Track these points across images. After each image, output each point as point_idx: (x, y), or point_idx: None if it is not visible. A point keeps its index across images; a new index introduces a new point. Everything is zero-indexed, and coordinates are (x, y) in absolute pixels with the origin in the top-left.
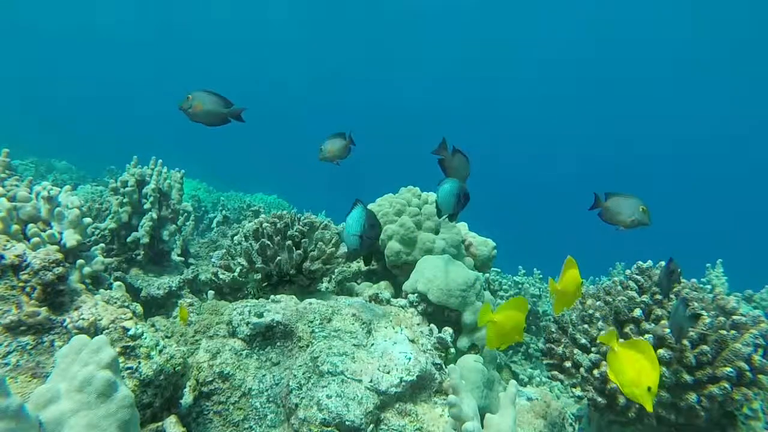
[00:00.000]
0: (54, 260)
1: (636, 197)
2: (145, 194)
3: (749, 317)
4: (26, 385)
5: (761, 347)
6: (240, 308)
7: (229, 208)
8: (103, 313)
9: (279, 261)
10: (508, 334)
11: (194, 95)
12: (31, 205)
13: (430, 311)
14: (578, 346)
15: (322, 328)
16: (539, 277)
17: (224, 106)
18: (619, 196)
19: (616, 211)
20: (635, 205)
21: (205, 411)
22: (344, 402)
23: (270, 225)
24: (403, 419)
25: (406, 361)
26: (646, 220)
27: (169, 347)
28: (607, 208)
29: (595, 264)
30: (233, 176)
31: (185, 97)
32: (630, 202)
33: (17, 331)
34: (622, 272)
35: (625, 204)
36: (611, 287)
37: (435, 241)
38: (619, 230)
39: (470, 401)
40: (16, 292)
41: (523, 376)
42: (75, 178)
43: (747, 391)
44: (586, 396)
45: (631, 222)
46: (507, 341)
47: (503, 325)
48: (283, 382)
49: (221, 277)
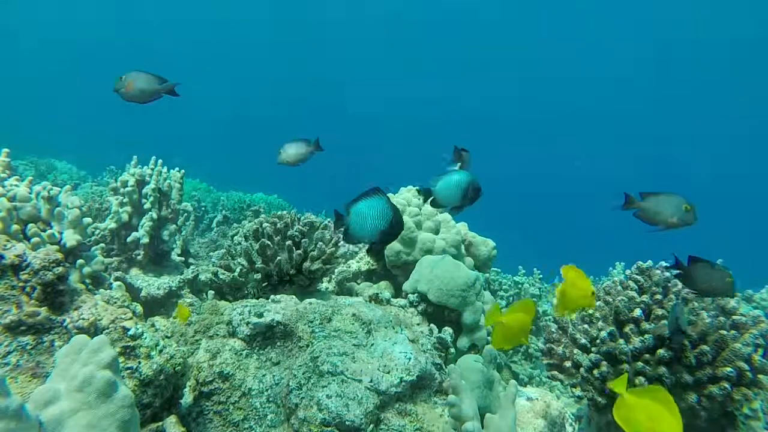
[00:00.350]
0: (54, 260)
1: (678, 195)
2: (145, 194)
3: (749, 317)
4: (26, 385)
5: (761, 347)
6: (240, 308)
7: (229, 208)
8: (103, 313)
9: (279, 261)
10: (514, 336)
11: (126, 75)
12: (31, 205)
13: (430, 311)
14: (578, 346)
15: (322, 328)
16: (539, 277)
17: (158, 83)
18: (659, 194)
19: (655, 211)
20: (678, 204)
21: (205, 411)
22: (344, 402)
23: (270, 225)
24: (403, 419)
25: (406, 361)
26: (690, 219)
27: (169, 347)
28: (645, 207)
29: (595, 264)
30: (233, 176)
31: (117, 78)
32: (672, 201)
33: (17, 331)
34: (622, 272)
35: (667, 203)
36: (611, 287)
37: (435, 241)
38: (660, 231)
39: (470, 401)
40: (16, 292)
41: (523, 376)
42: (75, 178)
43: (747, 391)
44: (586, 396)
45: (674, 222)
46: (512, 342)
47: (510, 327)
48: (283, 382)
49: (221, 277)
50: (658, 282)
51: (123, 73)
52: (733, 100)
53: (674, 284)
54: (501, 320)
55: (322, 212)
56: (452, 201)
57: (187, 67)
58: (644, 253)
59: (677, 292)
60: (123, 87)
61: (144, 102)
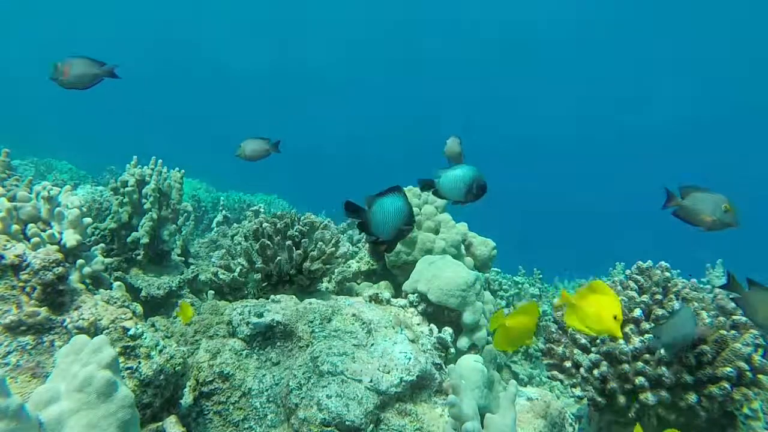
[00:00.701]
0: (54, 260)
1: (717, 193)
2: (145, 194)
3: None
4: (26, 385)
5: (761, 347)
6: (240, 308)
7: (229, 208)
8: (103, 313)
9: (279, 261)
10: (517, 338)
11: (62, 62)
12: (31, 205)
13: (430, 311)
14: (578, 346)
15: (322, 328)
16: (539, 277)
17: (96, 67)
18: (698, 191)
19: (695, 210)
20: (717, 203)
21: (205, 411)
22: (344, 402)
23: (270, 225)
24: (403, 419)
25: (406, 361)
26: (730, 220)
27: (169, 347)
28: (684, 206)
29: (595, 264)
30: (233, 176)
31: (52, 65)
32: (711, 199)
33: (17, 331)
34: (622, 272)
35: (706, 201)
36: (611, 287)
37: (435, 241)
38: (701, 231)
39: (470, 401)
40: (16, 292)
41: (523, 376)
42: (75, 178)
43: (747, 391)
44: (586, 396)
45: (713, 223)
46: (515, 344)
47: (514, 329)
48: (283, 382)
49: (221, 277)
50: (658, 282)
51: (59, 60)
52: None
53: (674, 284)
54: (504, 323)
55: (322, 212)
56: (455, 195)
57: (186, 67)
58: (644, 253)
59: (677, 292)
60: (61, 74)
61: (85, 87)
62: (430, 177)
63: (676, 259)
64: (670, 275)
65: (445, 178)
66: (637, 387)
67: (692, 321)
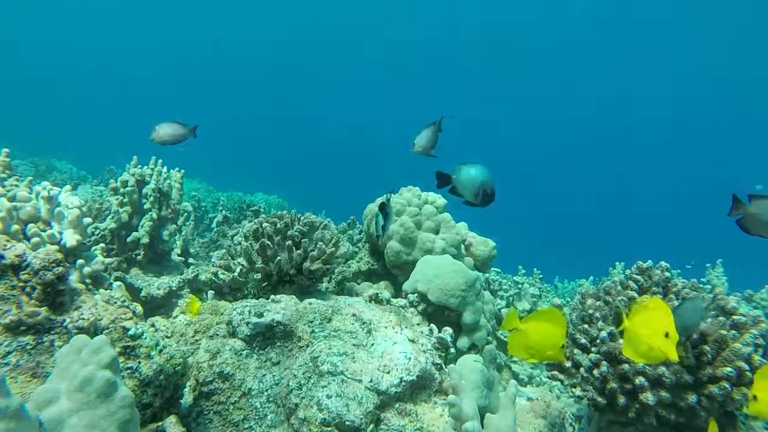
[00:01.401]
0: (54, 260)
1: None
2: (145, 194)
3: (749, 317)
4: (26, 385)
5: (761, 347)
6: (240, 308)
7: (229, 208)
8: (103, 313)
9: (279, 261)
10: (538, 348)
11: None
12: (31, 205)
13: (430, 311)
14: (578, 346)
15: (322, 328)
16: (539, 277)
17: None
18: (765, 199)
19: (763, 220)
20: None
21: (205, 411)
22: (344, 402)
23: (270, 225)
24: (403, 419)
25: (406, 361)
26: None
27: (169, 347)
28: (751, 214)
29: (595, 264)
30: (233, 176)
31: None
32: None
33: (17, 331)
34: (622, 272)
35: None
36: (611, 287)
37: (435, 241)
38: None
39: (470, 401)
40: (16, 292)
41: (523, 376)
42: (75, 178)
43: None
44: (586, 396)
45: None
46: (539, 357)
47: (530, 336)
48: (283, 382)
49: (221, 277)
50: (658, 282)
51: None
52: (734, 103)
53: (674, 284)
54: (519, 327)
55: (322, 212)
56: (465, 194)
57: (186, 66)
58: (644, 253)
59: (677, 292)
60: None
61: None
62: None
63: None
64: (670, 275)
65: (464, 173)
66: (637, 387)
67: (700, 313)
